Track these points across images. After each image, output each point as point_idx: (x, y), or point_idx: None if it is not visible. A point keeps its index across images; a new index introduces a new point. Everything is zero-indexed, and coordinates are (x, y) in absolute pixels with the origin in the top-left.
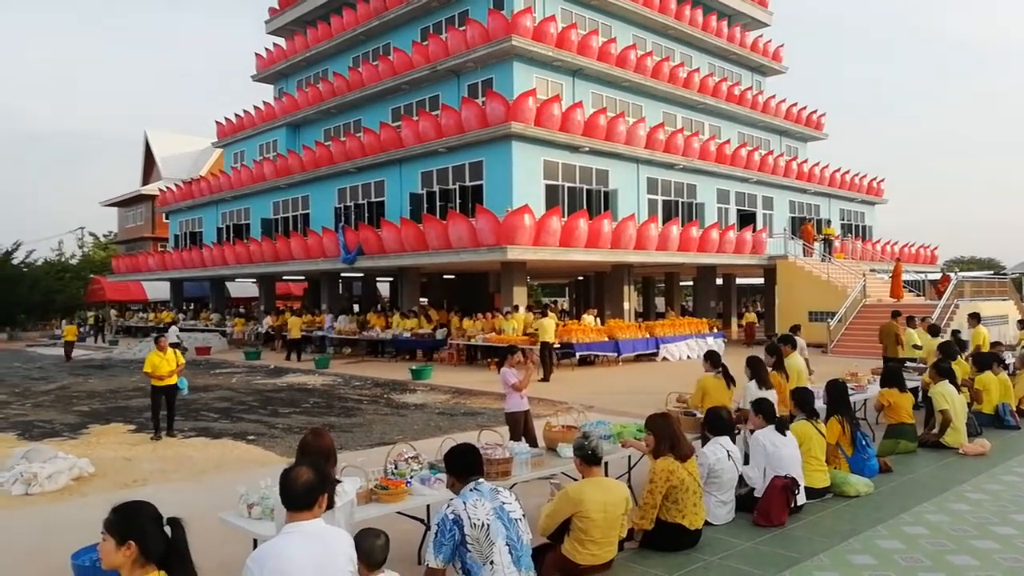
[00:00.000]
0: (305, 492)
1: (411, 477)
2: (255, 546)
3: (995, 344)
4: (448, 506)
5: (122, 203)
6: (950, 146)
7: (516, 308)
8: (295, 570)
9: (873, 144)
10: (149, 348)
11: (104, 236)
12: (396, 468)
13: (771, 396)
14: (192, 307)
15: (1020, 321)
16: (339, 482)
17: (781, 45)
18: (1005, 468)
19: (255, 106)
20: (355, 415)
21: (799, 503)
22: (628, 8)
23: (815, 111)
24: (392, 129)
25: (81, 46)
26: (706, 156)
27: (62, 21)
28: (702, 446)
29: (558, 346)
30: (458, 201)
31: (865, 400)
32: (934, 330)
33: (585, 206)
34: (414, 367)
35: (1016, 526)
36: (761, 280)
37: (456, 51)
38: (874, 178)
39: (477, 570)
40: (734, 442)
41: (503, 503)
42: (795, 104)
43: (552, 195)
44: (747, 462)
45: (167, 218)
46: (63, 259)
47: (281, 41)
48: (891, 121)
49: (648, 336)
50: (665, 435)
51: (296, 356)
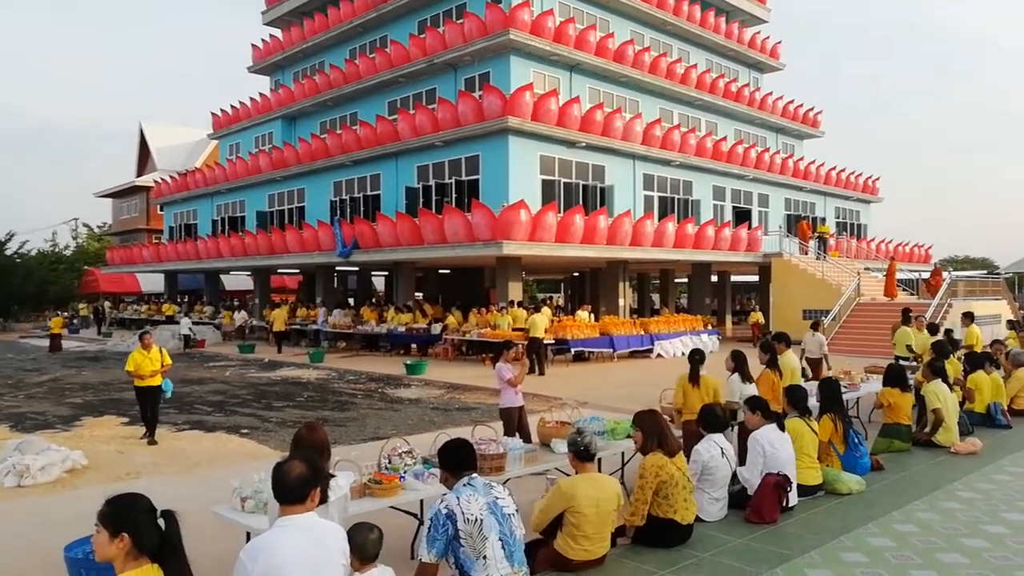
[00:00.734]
0: (298, 486)
1: (405, 472)
2: (248, 539)
3: (995, 343)
4: (441, 501)
5: (116, 194)
6: (946, 145)
7: (512, 304)
8: (287, 564)
9: (870, 142)
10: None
11: (98, 227)
12: (390, 463)
13: (751, 391)
14: (187, 300)
15: (1010, 321)
16: (333, 476)
17: (779, 42)
18: (996, 467)
19: (251, 98)
20: (349, 409)
21: (791, 500)
22: (626, 3)
23: (811, 109)
24: (388, 122)
25: (76, 37)
26: (703, 153)
27: (59, 16)
28: (685, 440)
29: (552, 342)
30: (454, 195)
31: (858, 398)
32: (932, 328)
33: (581, 202)
34: (409, 362)
35: (1007, 525)
36: (756, 278)
37: (453, 44)
38: (869, 177)
39: (470, 565)
40: (728, 440)
41: (496, 498)
42: (792, 101)
43: (548, 190)
44: (741, 461)
45: (161, 210)
46: (57, 250)
47: (278, 32)
48: (888, 120)
49: (643, 333)
50: (653, 432)
51: (278, 348)
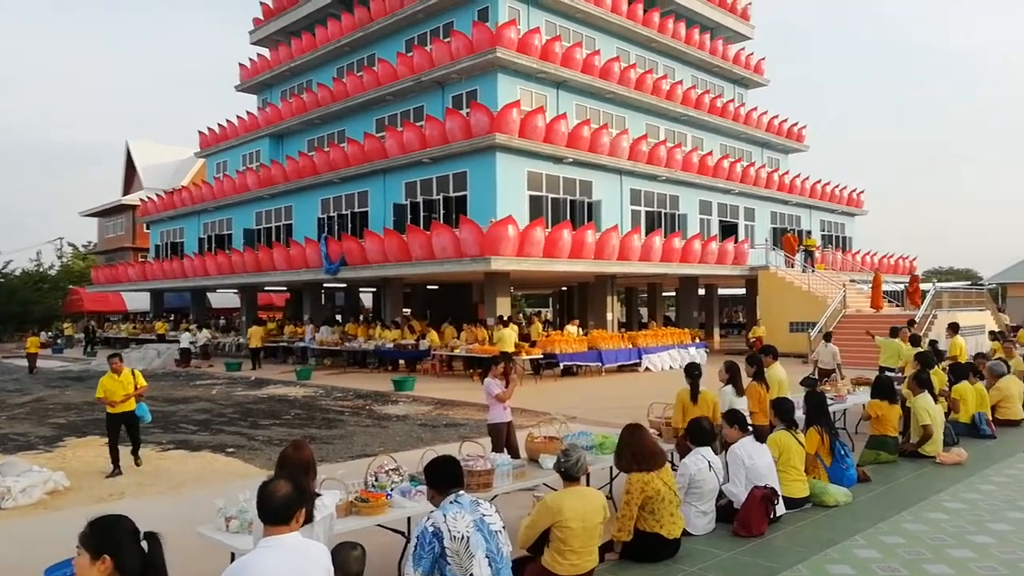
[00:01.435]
0: (283, 506)
1: (392, 489)
2: (232, 560)
3: (979, 356)
4: (428, 519)
5: (102, 213)
6: (930, 158)
7: (500, 319)
8: None
9: (854, 154)
10: (127, 360)
11: (83, 246)
12: (377, 480)
13: (743, 404)
14: (172, 318)
15: (992, 332)
16: (319, 495)
17: (763, 58)
18: (982, 477)
19: (238, 116)
20: (336, 427)
21: (778, 513)
22: (612, 21)
23: (796, 123)
24: (376, 140)
25: (62, 55)
26: (689, 168)
27: (45, 33)
28: (681, 457)
29: (541, 356)
30: (442, 212)
31: (844, 410)
32: (915, 340)
33: (569, 217)
34: (396, 378)
35: (993, 535)
36: (743, 291)
37: (441, 62)
38: (854, 190)
39: None
40: (716, 452)
41: (483, 515)
42: (776, 116)
43: (536, 206)
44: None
45: (148, 228)
46: (41, 269)
47: (265, 52)
48: (872, 132)
49: (631, 346)
50: (628, 451)
51: (256, 365)
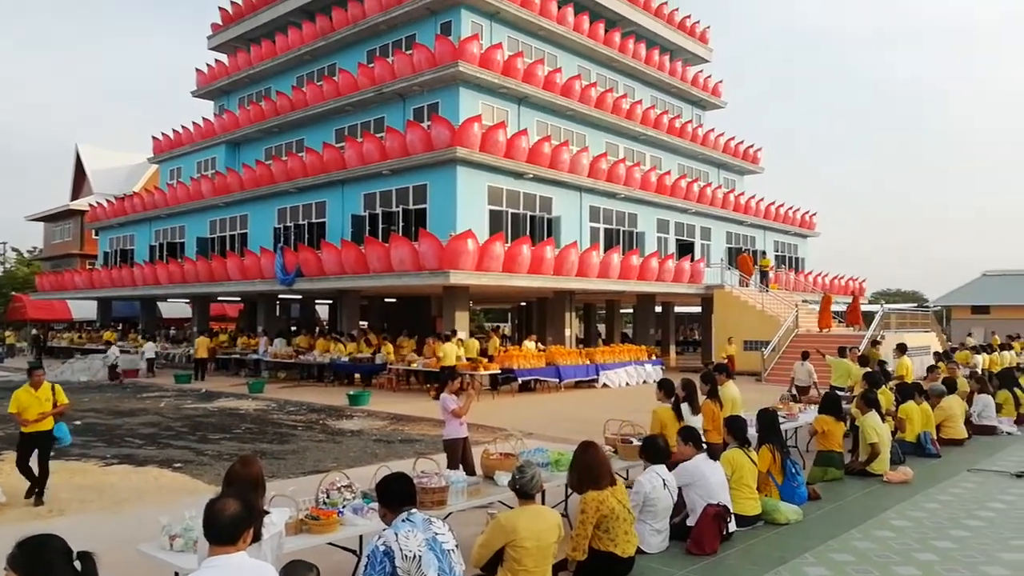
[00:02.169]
0: (231, 525)
1: (343, 507)
2: None
3: (932, 369)
4: (379, 537)
5: (49, 218)
6: (878, 183)
7: (455, 333)
8: None
9: (807, 177)
10: (71, 370)
11: (28, 252)
12: (328, 497)
13: (698, 421)
14: (120, 327)
15: (936, 353)
16: (267, 513)
17: (720, 81)
18: (927, 496)
19: (194, 122)
20: (289, 441)
21: (730, 530)
22: (574, 39)
23: (751, 145)
24: (335, 150)
25: (8, 52)
26: (647, 186)
27: None
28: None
29: (499, 371)
30: (401, 224)
31: (796, 428)
32: (863, 360)
33: (528, 232)
34: (351, 392)
35: (937, 552)
36: (699, 309)
37: (403, 74)
38: (806, 212)
39: None
40: (670, 470)
41: (436, 534)
42: (733, 138)
43: (496, 221)
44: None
45: (96, 235)
46: None
47: (223, 58)
48: (821, 157)
49: (588, 363)
50: (579, 470)
51: (200, 376)
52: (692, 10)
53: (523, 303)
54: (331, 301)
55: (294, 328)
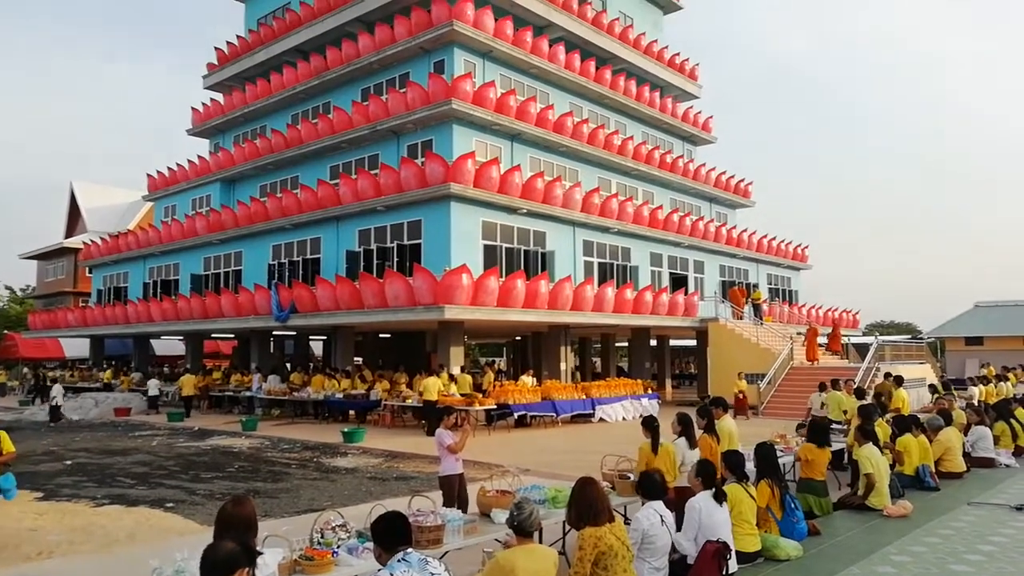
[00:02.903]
0: (224, 564)
1: (338, 547)
2: None
3: (940, 398)
4: None
5: (42, 256)
6: (868, 214)
7: (442, 368)
8: None
9: (798, 210)
10: (62, 409)
11: (21, 290)
12: (323, 537)
13: (695, 456)
14: (113, 365)
15: (931, 386)
16: (260, 553)
17: (710, 116)
18: (927, 530)
19: (189, 160)
20: (282, 480)
21: (731, 569)
22: (565, 77)
23: (743, 180)
24: (330, 186)
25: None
26: (640, 220)
27: None
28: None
29: (495, 407)
30: (396, 260)
31: (794, 462)
32: (859, 393)
33: (523, 267)
34: (346, 429)
35: None
36: (694, 342)
37: (396, 112)
38: (799, 245)
39: None
40: (668, 507)
41: (432, 573)
42: (724, 172)
43: (490, 255)
44: (679, 527)
45: (90, 272)
46: None
47: (219, 96)
48: (814, 188)
49: (584, 397)
50: (577, 506)
51: (187, 413)
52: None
53: (518, 337)
54: (325, 337)
55: (288, 364)
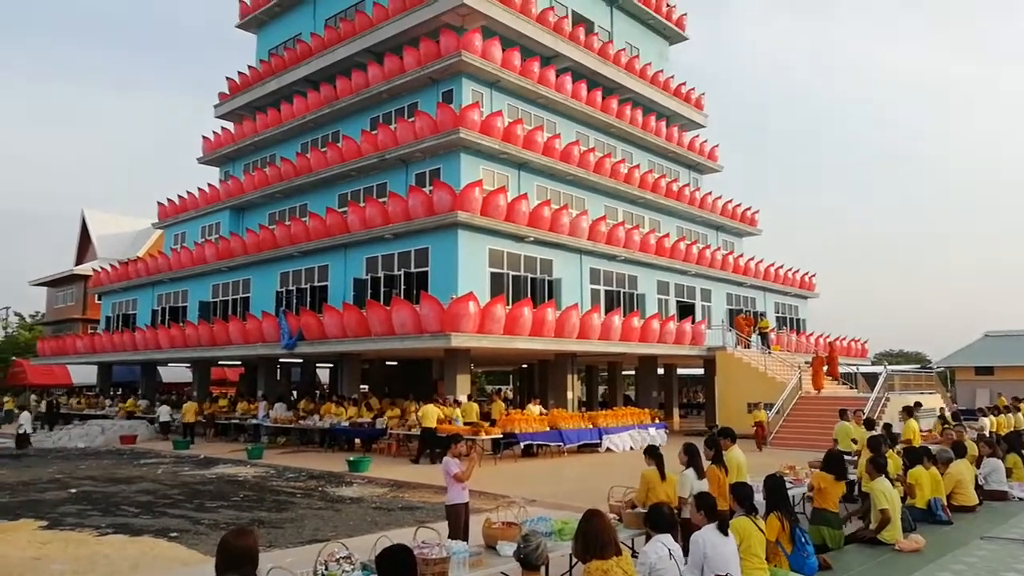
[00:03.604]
0: None
1: None
2: None
3: (950, 428)
4: None
5: (52, 283)
6: (876, 242)
7: (441, 398)
8: None
9: (806, 237)
10: (68, 436)
11: (31, 317)
12: (327, 569)
13: (703, 487)
14: (120, 392)
15: (941, 416)
16: None
17: (716, 145)
18: (939, 565)
19: (199, 188)
20: (287, 509)
21: None
22: (572, 107)
23: (749, 208)
24: (338, 214)
25: (13, 116)
26: (646, 249)
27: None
28: (645, 543)
29: (501, 436)
30: (403, 287)
31: (804, 494)
32: (869, 424)
33: (529, 294)
34: (351, 458)
35: None
36: (702, 371)
37: (405, 141)
38: (806, 273)
39: None
40: (677, 540)
41: None
42: (730, 201)
43: (497, 283)
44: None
45: (99, 299)
46: None
47: (230, 125)
48: (819, 215)
49: (591, 426)
50: (583, 539)
51: (191, 439)
52: (688, 76)
53: (524, 365)
54: (332, 364)
55: (294, 392)
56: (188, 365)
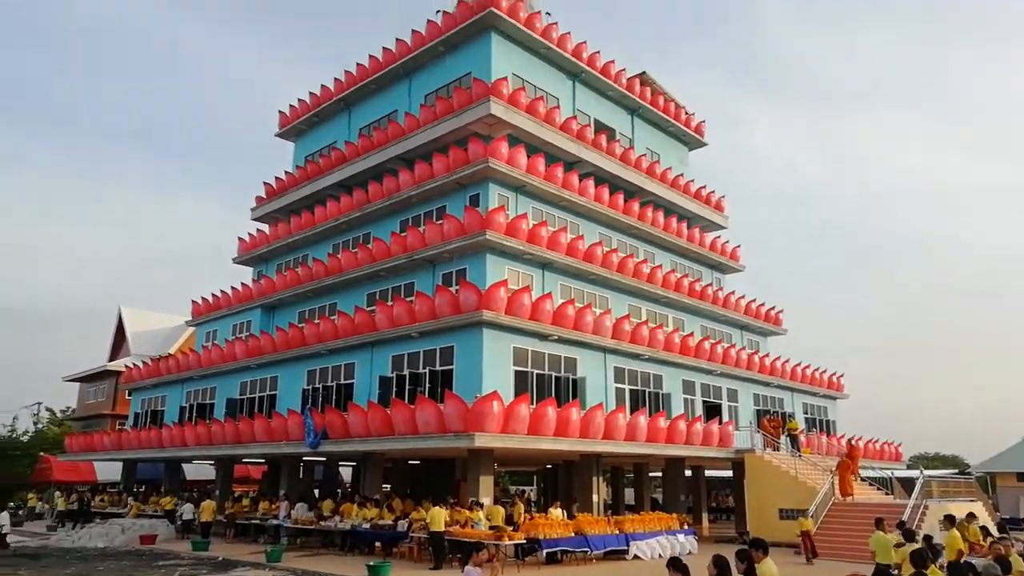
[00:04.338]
0: None
1: None
2: None
3: (997, 541)
4: None
5: (85, 378)
6: (905, 340)
7: (479, 504)
8: None
9: (834, 336)
10: (88, 535)
11: (61, 412)
12: None
13: None
14: (143, 489)
15: (984, 527)
16: None
17: (738, 246)
18: None
19: (232, 287)
20: None
21: None
22: (595, 209)
23: (773, 307)
24: (366, 313)
25: (51, 216)
26: (671, 347)
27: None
28: None
29: (524, 541)
30: (427, 386)
31: None
32: (908, 534)
33: (554, 393)
34: (371, 563)
35: None
36: (730, 473)
37: (433, 242)
38: (834, 373)
39: None
40: None
41: None
42: (754, 300)
43: (521, 381)
44: None
45: (129, 395)
46: (14, 435)
47: (265, 227)
48: (848, 313)
49: (618, 532)
50: None
51: (206, 536)
52: (708, 178)
53: (549, 465)
54: (355, 463)
55: (316, 491)
56: (212, 463)
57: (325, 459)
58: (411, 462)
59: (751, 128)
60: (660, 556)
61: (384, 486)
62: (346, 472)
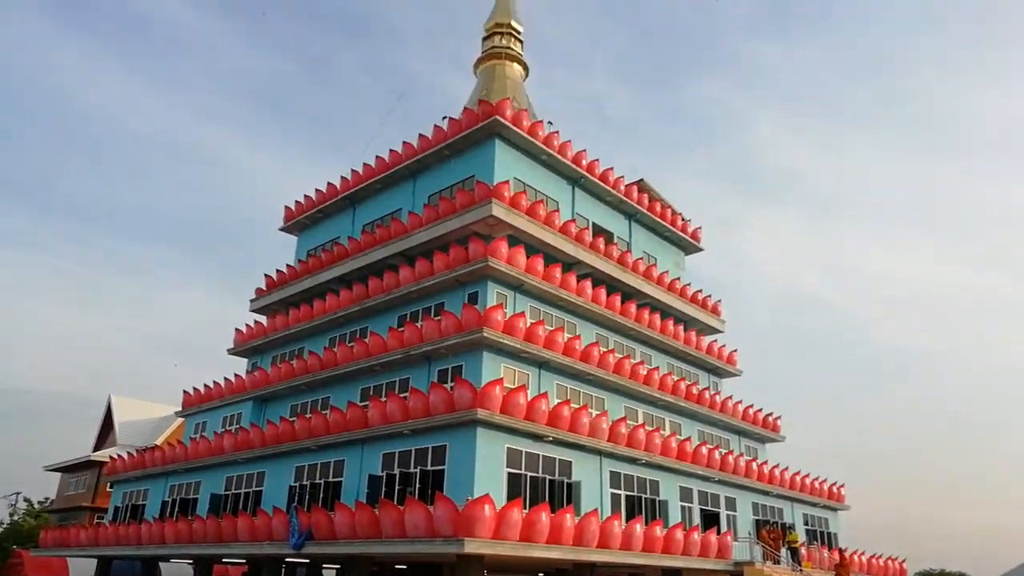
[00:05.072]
0: None
1: None
2: None
3: None
4: None
5: (67, 468)
6: (901, 449)
7: None
8: None
9: (833, 445)
10: None
11: (39, 503)
12: None
13: None
14: None
15: None
16: None
17: (735, 350)
18: None
19: (225, 378)
20: None
21: None
22: (592, 310)
23: (771, 413)
24: (359, 408)
25: (46, 304)
26: (668, 452)
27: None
28: None
29: None
30: (418, 486)
31: None
32: None
33: (547, 497)
34: None
35: None
36: None
37: (430, 338)
38: (834, 483)
39: None
40: None
41: None
42: (751, 405)
43: (514, 484)
44: None
45: (111, 487)
46: None
47: (262, 319)
48: (846, 422)
49: None
50: None
51: None
52: (705, 283)
53: (541, 574)
54: (339, 566)
55: None
56: (191, 562)
57: (308, 561)
58: (398, 567)
59: (749, 234)
60: None
61: None
62: (328, 575)
